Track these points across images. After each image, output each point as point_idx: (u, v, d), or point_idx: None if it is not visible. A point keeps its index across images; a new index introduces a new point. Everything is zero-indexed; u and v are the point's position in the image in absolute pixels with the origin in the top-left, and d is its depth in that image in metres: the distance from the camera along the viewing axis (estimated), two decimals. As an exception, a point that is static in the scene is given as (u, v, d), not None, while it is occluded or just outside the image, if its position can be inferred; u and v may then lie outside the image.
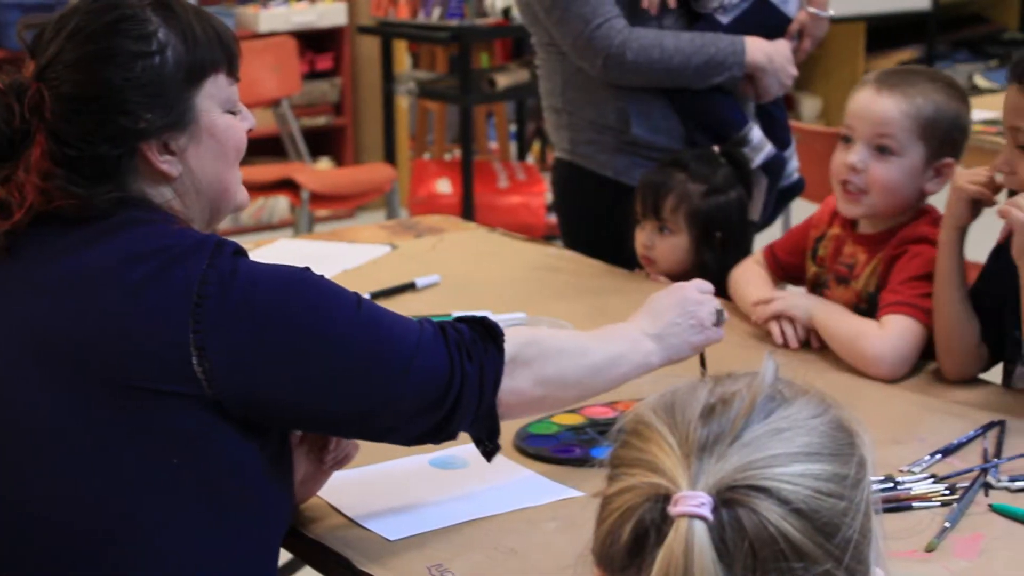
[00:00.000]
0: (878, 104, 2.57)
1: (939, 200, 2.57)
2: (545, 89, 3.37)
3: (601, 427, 2.25)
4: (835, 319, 2.57)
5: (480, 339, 1.87)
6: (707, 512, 1.03)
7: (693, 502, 1.04)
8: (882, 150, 2.57)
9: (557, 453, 2.17)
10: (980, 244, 2.50)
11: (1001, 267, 2.37)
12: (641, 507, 1.06)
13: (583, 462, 2.12)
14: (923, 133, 2.55)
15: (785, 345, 2.60)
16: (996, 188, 2.39)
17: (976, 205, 2.41)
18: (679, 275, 2.90)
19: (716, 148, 3.10)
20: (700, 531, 1.03)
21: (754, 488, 1.04)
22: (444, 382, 1.81)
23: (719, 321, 2.15)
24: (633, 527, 1.06)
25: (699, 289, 2.16)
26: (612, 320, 2.73)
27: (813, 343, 2.60)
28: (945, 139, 2.56)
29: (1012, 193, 2.34)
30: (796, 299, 2.66)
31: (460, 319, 1.91)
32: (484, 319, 1.91)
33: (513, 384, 1.89)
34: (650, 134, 3.21)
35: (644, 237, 3.02)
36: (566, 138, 3.33)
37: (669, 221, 2.98)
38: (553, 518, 1.97)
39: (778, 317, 2.64)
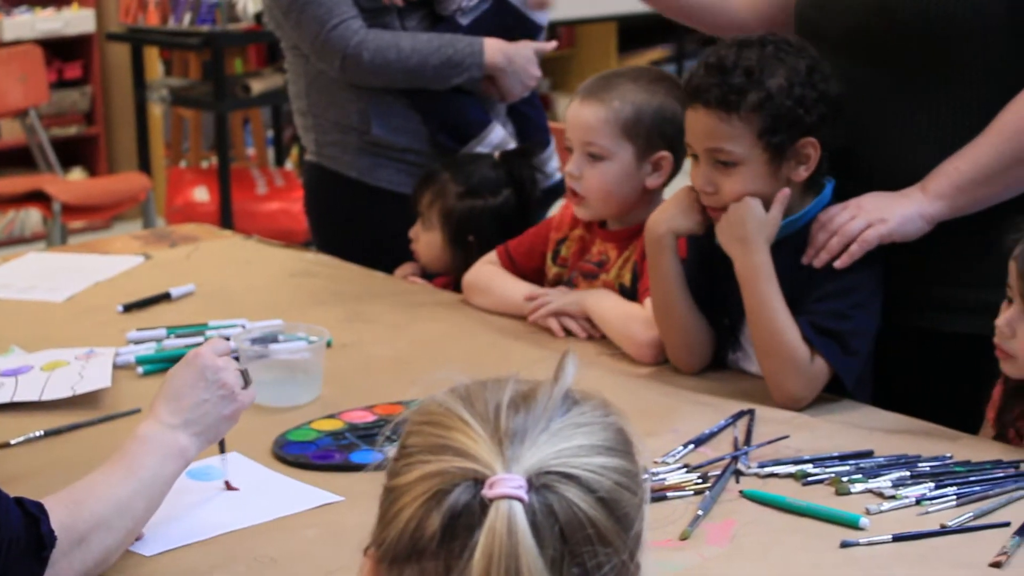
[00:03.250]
0: (581, 114, 2.66)
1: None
2: (292, 92, 3.37)
3: (360, 431, 2.24)
4: (605, 304, 2.64)
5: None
6: (524, 494, 1.06)
7: (511, 484, 1.06)
8: (593, 157, 2.65)
9: (316, 459, 2.16)
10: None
11: (703, 257, 2.47)
12: (452, 491, 1.07)
13: (343, 467, 2.12)
14: (627, 134, 2.63)
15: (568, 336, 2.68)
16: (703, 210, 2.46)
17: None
18: (438, 271, 2.95)
19: (496, 155, 3.14)
20: (519, 512, 1.05)
21: (564, 475, 1.08)
22: None
23: (247, 382, 1.96)
24: (445, 511, 1.07)
25: (216, 352, 1.94)
26: (368, 324, 2.75)
27: (593, 332, 2.67)
28: (652, 134, 2.64)
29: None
30: (566, 295, 2.72)
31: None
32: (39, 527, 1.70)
33: None
34: (392, 134, 3.22)
35: (413, 229, 3.10)
36: (312, 140, 3.34)
37: (426, 216, 3.05)
38: (313, 525, 1.95)
39: (555, 315, 2.70)
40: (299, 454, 2.18)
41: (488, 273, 2.88)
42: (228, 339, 2.12)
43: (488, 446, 1.09)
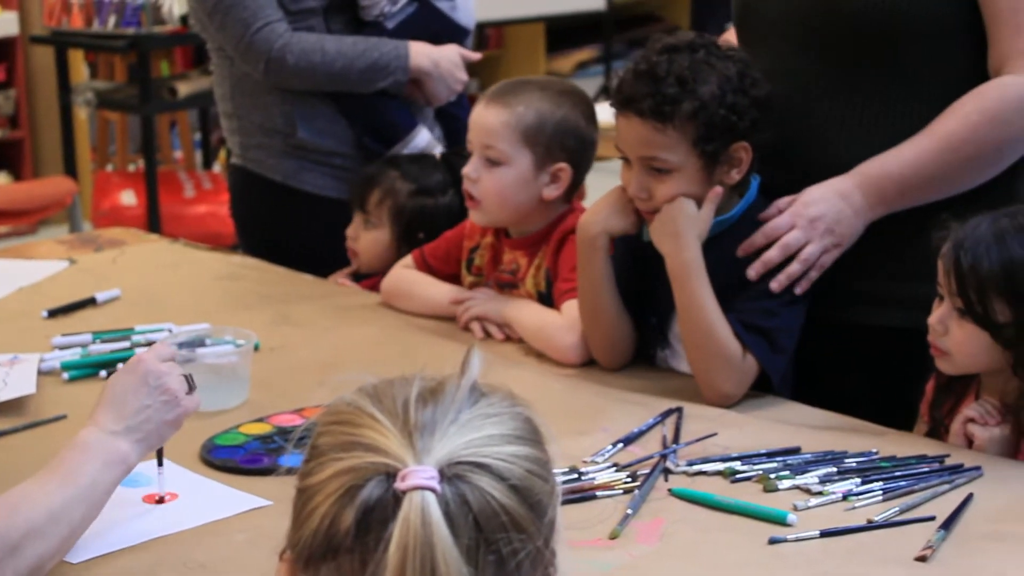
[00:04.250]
0: (484, 117, 2.66)
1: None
2: (218, 94, 3.36)
3: (289, 435, 2.23)
4: (525, 314, 2.65)
5: None
6: (436, 485, 1.07)
7: (423, 475, 1.07)
8: (491, 161, 2.65)
9: (245, 463, 2.15)
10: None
11: (631, 255, 2.49)
12: (364, 486, 1.08)
13: (271, 471, 2.11)
14: (527, 141, 2.63)
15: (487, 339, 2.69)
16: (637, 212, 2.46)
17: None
18: (379, 270, 2.94)
19: (438, 155, 3.14)
20: (433, 503, 1.06)
21: (475, 465, 1.09)
22: None
23: (191, 387, 1.93)
24: (359, 506, 1.08)
25: (160, 357, 1.91)
26: (296, 327, 2.74)
27: (498, 336, 2.68)
28: (553, 144, 2.64)
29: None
30: (489, 301, 2.72)
31: None
32: None
33: None
34: (317, 138, 3.21)
35: (351, 228, 3.09)
36: (237, 143, 3.32)
37: (373, 215, 3.05)
38: (242, 530, 1.94)
39: (477, 318, 2.71)
40: (227, 458, 2.16)
41: (409, 277, 2.87)
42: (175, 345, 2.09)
43: (398, 440, 1.10)
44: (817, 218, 2.34)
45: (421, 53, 3.20)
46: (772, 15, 2.45)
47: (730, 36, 2.61)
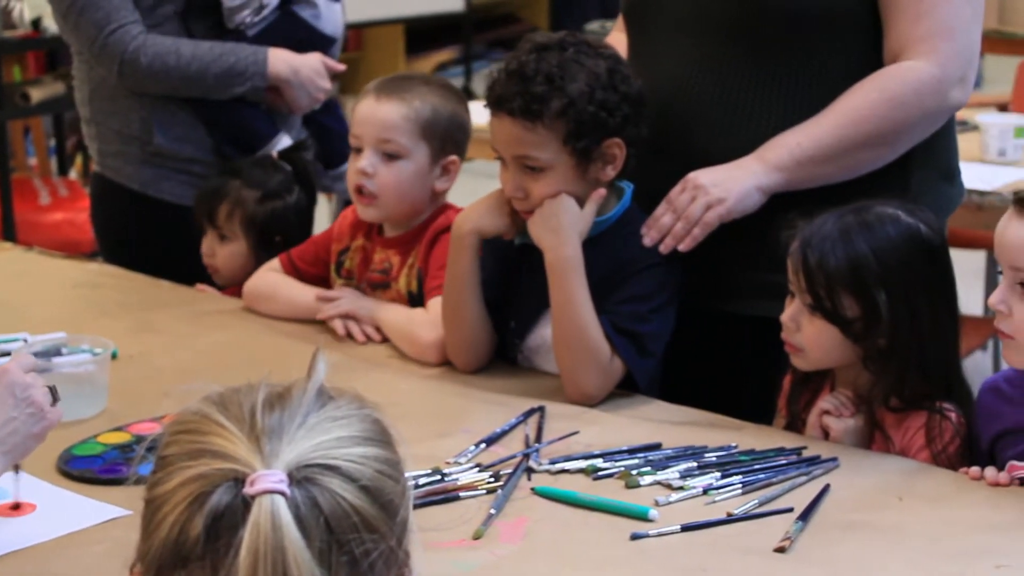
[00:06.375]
0: (380, 111, 2.66)
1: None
2: (77, 99, 3.31)
3: (145, 446, 2.20)
4: (391, 311, 2.66)
5: None
6: (285, 488, 1.07)
7: (271, 479, 1.07)
8: (389, 155, 2.65)
9: (103, 473, 2.12)
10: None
11: (498, 258, 2.51)
12: (213, 493, 1.08)
13: (130, 481, 2.08)
14: (425, 134, 2.65)
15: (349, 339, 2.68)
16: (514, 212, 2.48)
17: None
18: (243, 281, 2.90)
19: (275, 153, 3.12)
20: (282, 506, 1.06)
21: (325, 467, 1.09)
22: None
23: (56, 398, 1.90)
24: (208, 513, 1.08)
25: (23, 368, 1.87)
26: (156, 334, 2.71)
27: (374, 337, 2.67)
28: (446, 137, 2.67)
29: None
30: (357, 299, 2.72)
31: None
32: None
33: None
34: (175, 144, 3.18)
35: (205, 246, 3.05)
36: (96, 149, 3.28)
37: (225, 228, 3.02)
38: (100, 540, 1.92)
39: (343, 316, 2.70)
40: (85, 469, 2.14)
41: (273, 280, 2.85)
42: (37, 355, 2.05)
43: (246, 445, 1.10)
44: (704, 181, 2.37)
45: (280, 60, 3.17)
46: (669, 5, 2.47)
47: (619, 34, 2.64)
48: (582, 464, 2.13)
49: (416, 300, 2.68)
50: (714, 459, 2.14)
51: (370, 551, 1.09)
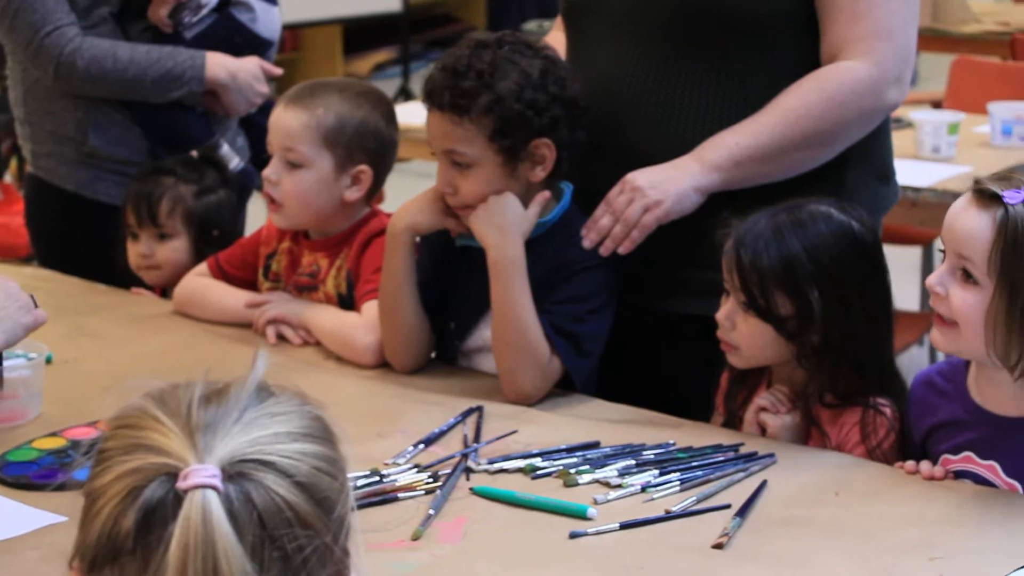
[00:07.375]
0: (283, 120, 2.65)
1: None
2: (11, 99, 3.29)
3: (84, 448, 2.19)
4: (323, 317, 2.64)
5: None
6: (218, 483, 1.07)
7: (204, 474, 1.07)
8: (292, 164, 2.64)
9: (38, 479, 2.10)
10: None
11: (436, 259, 2.52)
12: (147, 487, 1.08)
13: (66, 486, 2.07)
14: (327, 143, 2.63)
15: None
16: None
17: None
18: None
19: (194, 153, 3.10)
20: (214, 501, 1.06)
21: (259, 462, 1.09)
22: None
23: (36, 306, 2.19)
24: (140, 507, 1.07)
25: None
26: (90, 338, 2.69)
27: (295, 341, 2.66)
28: (353, 146, 2.64)
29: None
30: (286, 303, 2.70)
31: None
32: None
33: None
34: (110, 146, 3.16)
35: (142, 247, 3.00)
36: (29, 150, 3.25)
37: (167, 226, 2.99)
38: (35, 546, 1.91)
39: (272, 321, 2.68)
40: (20, 474, 2.12)
41: (202, 285, 2.84)
42: None
43: (180, 440, 1.10)
44: (642, 183, 2.37)
45: (218, 64, 3.16)
46: (607, 5, 2.47)
47: (558, 33, 2.64)
48: (521, 463, 2.13)
49: (345, 302, 2.66)
50: (652, 457, 2.15)
51: (303, 547, 1.09)
